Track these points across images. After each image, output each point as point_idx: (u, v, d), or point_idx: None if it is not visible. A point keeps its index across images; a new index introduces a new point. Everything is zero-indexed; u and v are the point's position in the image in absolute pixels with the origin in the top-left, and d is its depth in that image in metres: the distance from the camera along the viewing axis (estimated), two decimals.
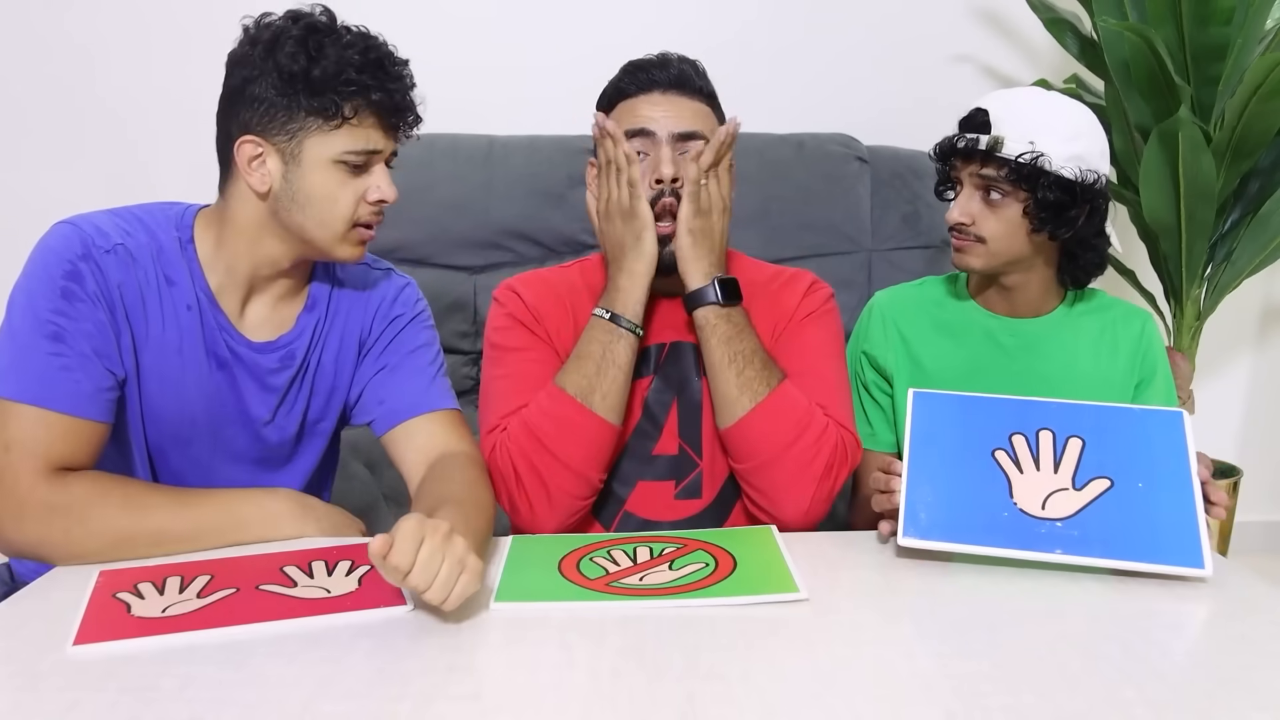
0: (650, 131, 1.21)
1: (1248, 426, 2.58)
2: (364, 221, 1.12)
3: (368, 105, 1.07)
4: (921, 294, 1.45)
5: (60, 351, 1.04)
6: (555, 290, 1.31)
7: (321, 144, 1.07)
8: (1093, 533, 0.96)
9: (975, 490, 1.01)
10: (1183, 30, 1.90)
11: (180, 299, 1.12)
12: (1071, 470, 1.02)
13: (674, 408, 1.26)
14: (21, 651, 0.84)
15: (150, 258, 1.10)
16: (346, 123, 1.06)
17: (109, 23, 2.15)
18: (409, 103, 1.11)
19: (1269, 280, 2.48)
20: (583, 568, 1.00)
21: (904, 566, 1.02)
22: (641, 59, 1.26)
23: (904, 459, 1.06)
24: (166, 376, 1.13)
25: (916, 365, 1.39)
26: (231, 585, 0.95)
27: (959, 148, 1.28)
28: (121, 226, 1.10)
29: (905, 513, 1.01)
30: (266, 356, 1.17)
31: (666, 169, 1.20)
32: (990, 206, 1.27)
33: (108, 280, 1.07)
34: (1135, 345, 1.38)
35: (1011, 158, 1.23)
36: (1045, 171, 1.23)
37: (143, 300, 1.10)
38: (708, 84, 1.27)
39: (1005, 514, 0.98)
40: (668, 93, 1.23)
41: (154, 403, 1.13)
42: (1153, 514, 0.98)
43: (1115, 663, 0.81)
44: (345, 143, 1.07)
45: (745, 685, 0.78)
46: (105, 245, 1.07)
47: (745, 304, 1.24)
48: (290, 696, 0.76)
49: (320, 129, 1.06)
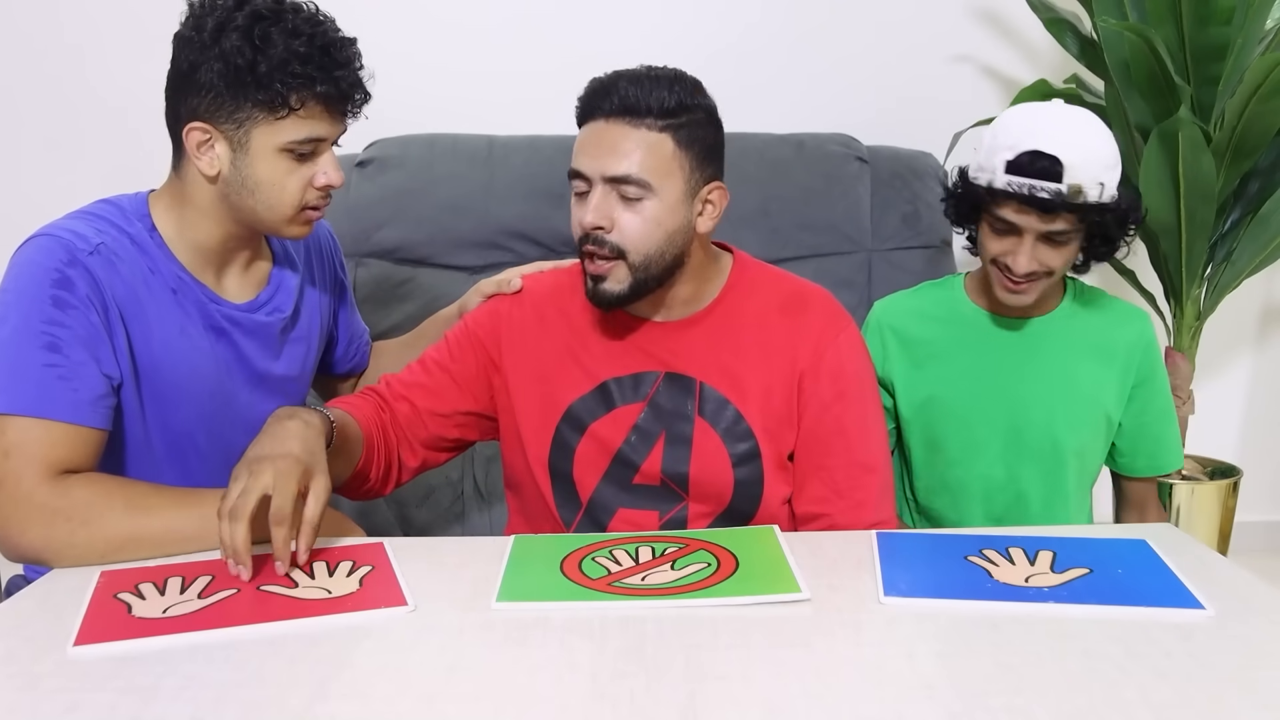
0: (584, 174, 1.13)
1: (1248, 426, 2.58)
2: (311, 205, 1.15)
3: (314, 96, 1.08)
4: (919, 300, 1.45)
5: (56, 362, 1.03)
6: (541, 302, 1.28)
7: (268, 133, 1.08)
8: (1081, 595, 0.93)
9: (955, 577, 0.97)
10: (1183, 30, 1.90)
11: (164, 284, 1.13)
12: (1048, 564, 1.00)
13: (660, 440, 1.21)
14: (22, 652, 0.84)
15: (130, 252, 1.11)
16: (293, 113, 1.08)
17: (103, 19, 2.15)
18: (356, 87, 1.12)
19: (1269, 280, 2.48)
20: (585, 567, 1.00)
21: None
22: (596, 79, 1.15)
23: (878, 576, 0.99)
24: (177, 364, 1.14)
25: (918, 368, 1.39)
26: (232, 586, 0.95)
27: (1037, 198, 1.19)
28: (94, 227, 1.11)
29: (883, 577, 0.97)
30: (257, 314, 1.21)
31: (587, 216, 1.12)
32: (1054, 248, 1.25)
33: (98, 282, 1.07)
34: (1132, 348, 1.38)
35: (1093, 202, 1.19)
36: (1109, 206, 1.22)
37: (135, 296, 1.11)
38: (671, 98, 1.12)
39: (989, 585, 0.96)
40: (611, 120, 1.12)
41: (160, 403, 1.14)
42: (1139, 582, 0.96)
43: (1116, 663, 0.81)
44: (292, 132, 1.09)
45: (746, 685, 0.78)
46: (87, 248, 1.07)
47: (748, 335, 1.21)
48: (291, 697, 0.76)
49: (267, 119, 1.07)
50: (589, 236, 1.13)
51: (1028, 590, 0.94)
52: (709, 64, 1.26)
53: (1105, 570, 0.99)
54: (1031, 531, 1.11)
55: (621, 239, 1.13)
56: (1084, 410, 1.37)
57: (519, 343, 1.27)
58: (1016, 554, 1.03)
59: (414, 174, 2.00)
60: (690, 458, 1.20)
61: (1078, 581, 0.96)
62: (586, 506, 1.22)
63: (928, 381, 1.39)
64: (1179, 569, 0.98)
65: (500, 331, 1.27)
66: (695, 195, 1.16)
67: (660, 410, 1.21)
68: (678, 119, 1.13)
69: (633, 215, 1.12)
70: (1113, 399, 1.38)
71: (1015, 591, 0.94)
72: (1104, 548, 1.04)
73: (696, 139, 1.14)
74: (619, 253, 1.13)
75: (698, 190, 1.16)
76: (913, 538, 1.10)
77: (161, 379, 1.14)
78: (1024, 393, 1.36)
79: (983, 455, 1.38)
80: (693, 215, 1.16)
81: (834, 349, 1.22)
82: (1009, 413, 1.36)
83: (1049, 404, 1.36)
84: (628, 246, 1.13)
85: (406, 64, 2.21)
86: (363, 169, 2.05)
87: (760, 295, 1.25)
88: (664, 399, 1.21)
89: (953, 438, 1.39)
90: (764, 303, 1.24)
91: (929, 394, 1.39)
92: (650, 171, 1.11)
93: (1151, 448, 1.43)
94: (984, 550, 1.04)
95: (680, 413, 1.21)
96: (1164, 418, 1.42)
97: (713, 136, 1.17)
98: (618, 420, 1.21)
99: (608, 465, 1.21)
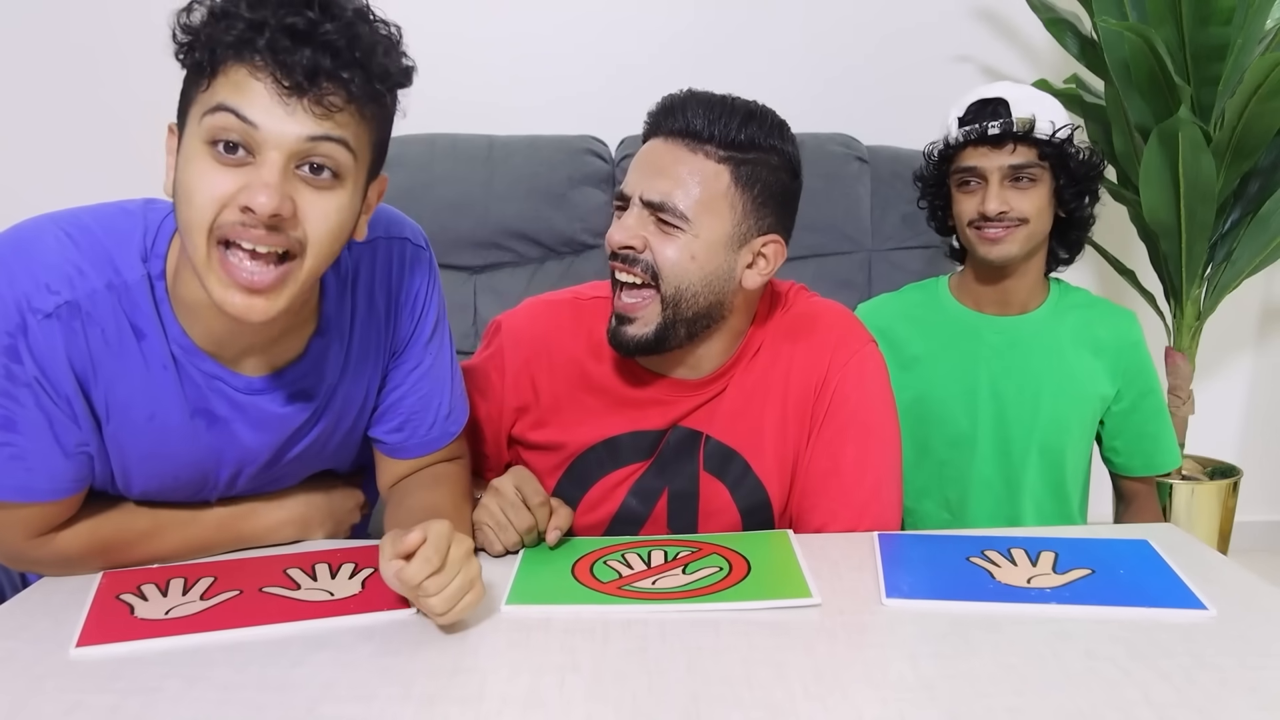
0: (623, 193, 1.05)
1: (1248, 426, 2.58)
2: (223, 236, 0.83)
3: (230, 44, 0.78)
4: (903, 301, 1.46)
5: (10, 440, 0.88)
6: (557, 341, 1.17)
7: (195, 115, 0.81)
8: (1083, 595, 0.93)
9: (956, 579, 0.97)
10: (1183, 30, 1.90)
11: (152, 355, 0.90)
12: (1050, 565, 1.00)
13: (663, 497, 1.14)
14: (24, 653, 0.84)
15: (110, 306, 0.88)
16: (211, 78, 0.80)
17: (117, 22, 2.15)
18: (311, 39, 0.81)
19: (1269, 280, 2.48)
20: (596, 571, 1.00)
21: None
22: (670, 96, 1.07)
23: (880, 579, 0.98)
24: (141, 445, 0.94)
25: (906, 370, 1.39)
26: (235, 587, 0.95)
27: (991, 134, 1.28)
28: (72, 265, 0.86)
29: (885, 579, 0.97)
30: (270, 396, 0.96)
31: (616, 235, 1.03)
32: (1021, 191, 1.30)
33: (52, 353, 0.86)
34: (1121, 345, 1.39)
35: (1046, 136, 1.26)
36: (1070, 149, 1.28)
37: (93, 364, 0.89)
38: (742, 132, 1.03)
39: (990, 587, 0.96)
40: (670, 140, 1.04)
41: (135, 469, 0.97)
42: (1141, 582, 0.96)
43: (1118, 663, 0.81)
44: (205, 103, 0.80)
45: (748, 686, 0.78)
46: (45, 308, 0.85)
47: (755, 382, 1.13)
48: (294, 699, 0.76)
49: (196, 96, 0.82)
50: (619, 255, 1.04)
51: (1030, 591, 0.94)
52: (707, 63, 1.26)
53: (1107, 571, 0.99)
54: (1033, 532, 1.11)
55: (654, 260, 1.03)
56: (1073, 405, 1.38)
57: (533, 387, 1.18)
58: (1018, 555, 1.03)
59: (414, 174, 2.00)
60: (697, 511, 1.15)
61: (1080, 582, 0.96)
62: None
63: (914, 382, 1.39)
64: (1180, 569, 0.98)
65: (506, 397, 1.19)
66: (745, 244, 1.05)
67: (664, 465, 1.14)
68: (743, 154, 1.03)
69: (666, 244, 1.03)
70: (1100, 395, 1.39)
71: (1017, 593, 0.94)
72: (1106, 548, 1.04)
73: (760, 181, 1.04)
74: (653, 275, 1.03)
75: (749, 239, 1.05)
76: (914, 539, 1.10)
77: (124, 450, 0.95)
78: (1011, 391, 1.37)
79: (973, 455, 1.38)
80: (738, 265, 1.05)
81: (840, 375, 1.12)
82: (996, 411, 1.37)
83: (1036, 401, 1.37)
84: (663, 273, 1.03)
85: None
86: None
87: (768, 328, 1.15)
88: (670, 453, 1.14)
89: (941, 438, 1.39)
90: (771, 335, 1.15)
91: (915, 394, 1.39)
92: (691, 203, 1.01)
93: (1148, 447, 1.44)
94: (986, 551, 1.04)
95: (684, 467, 1.14)
96: (1156, 416, 1.43)
97: (782, 185, 1.06)
98: (621, 479, 1.15)
99: (609, 524, 1.16)
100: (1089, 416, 1.39)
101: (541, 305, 1.22)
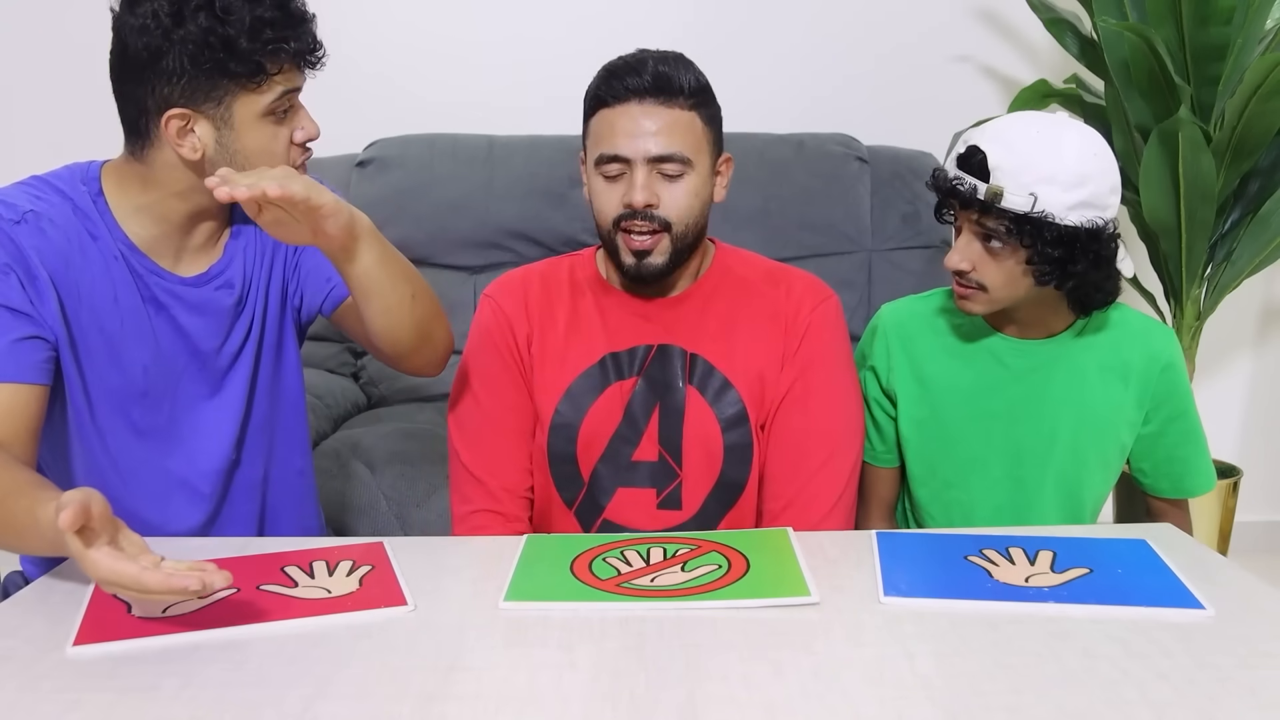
0: (624, 157, 1.16)
1: (1248, 426, 2.58)
2: (296, 164, 1.13)
3: (288, 57, 1.08)
4: (928, 308, 1.36)
5: None
6: (540, 286, 1.30)
7: (250, 103, 1.08)
8: (1081, 595, 0.93)
9: (955, 577, 0.98)
10: (1183, 30, 1.90)
11: (105, 251, 1.12)
12: (1048, 564, 1.00)
13: (655, 412, 1.23)
14: (21, 652, 0.84)
15: (67, 217, 1.10)
16: (270, 78, 1.07)
17: None
18: (317, 39, 1.12)
19: (1269, 280, 2.49)
20: (595, 568, 1.00)
21: None
22: (617, 61, 1.19)
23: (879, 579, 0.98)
24: (108, 330, 1.12)
25: (921, 384, 1.32)
26: (232, 585, 0.94)
27: (957, 191, 1.17)
28: (30, 193, 1.10)
29: (884, 577, 0.97)
30: (202, 289, 1.18)
31: (638, 195, 1.15)
32: (991, 254, 1.18)
33: (21, 250, 1.06)
34: (1149, 366, 1.28)
35: (1019, 211, 1.12)
36: (1048, 224, 1.13)
37: (66, 262, 1.09)
38: (693, 78, 1.18)
39: (989, 585, 0.96)
40: (644, 101, 1.15)
41: (97, 362, 1.13)
42: (1139, 582, 0.96)
43: (1116, 663, 0.81)
44: (271, 95, 1.08)
45: (746, 685, 0.78)
46: (13, 216, 1.07)
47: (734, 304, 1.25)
48: (291, 697, 0.76)
49: (246, 90, 1.07)
50: (636, 213, 1.17)
51: (1028, 590, 0.94)
52: (708, 63, 1.26)
53: (1105, 570, 0.99)
54: (1032, 531, 1.11)
55: (668, 213, 1.18)
56: (1092, 438, 1.29)
57: (529, 333, 1.28)
58: (1016, 554, 1.03)
59: (414, 174, 2.00)
60: (683, 425, 1.23)
61: (1078, 581, 0.96)
62: (587, 486, 1.23)
63: (927, 399, 1.33)
64: (1179, 569, 0.98)
65: (516, 330, 1.28)
66: (714, 168, 1.23)
67: (653, 381, 1.24)
68: (701, 98, 1.19)
69: (675, 190, 1.17)
70: (1127, 422, 1.30)
71: (1015, 591, 0.94)
72: (1104, 548, 1.04)
73: (713, 116, 1.22)
74: (665, 225, 1.18)
75: (715, 162, 1.23)
76: (913, 538, 1.09)
77: (94, 343, 1.12)
78: (1027, 419, 1.29)
79: (982, 480, 1.32)
80: (715, 186, 1.24)
81: (816, 315, 1.27)
82: (1011, 438, 1.30)
83: (1054, 432, 1.29)
84: (674, 219, 1.18)
85: (407, 64, 2.22)
86: (363, 169, 2.06)
87: (747, 268, 1.31)
88: (656, 371, 1.25)
89: (946, 461, 1.33)
90: (750, 274, 1.30)
91: (927, 413, 1.33)
92: (689, 148, 1.17)
93: (1177, 470, 1.34)
94: (984, 550, 1.04)
95: (672, 384, 1.24)
96: (1187, 440, 1.32)
97: (719, 112, 1.25)
98: (613, 397, 1.23)
99: (607, 443, 1.23)
100: (1112, 449, 1.31)
101: (505, 274, 1.35)
